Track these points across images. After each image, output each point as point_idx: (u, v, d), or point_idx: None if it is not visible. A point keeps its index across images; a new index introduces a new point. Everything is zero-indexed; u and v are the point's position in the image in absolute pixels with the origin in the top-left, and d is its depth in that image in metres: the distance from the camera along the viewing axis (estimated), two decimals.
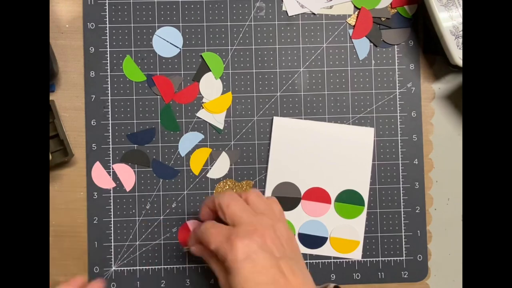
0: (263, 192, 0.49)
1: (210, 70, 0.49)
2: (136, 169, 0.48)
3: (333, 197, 0.49)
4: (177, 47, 0.49)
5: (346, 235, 0.48)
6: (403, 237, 0.49)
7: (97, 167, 0.48)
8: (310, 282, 0.37)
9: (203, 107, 0.49)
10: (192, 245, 0.41)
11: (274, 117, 0.49)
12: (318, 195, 0.49)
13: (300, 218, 0.48)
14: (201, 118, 0.49)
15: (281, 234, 0.37)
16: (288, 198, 0.48)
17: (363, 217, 0.49)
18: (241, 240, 0.35)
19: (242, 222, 0.37)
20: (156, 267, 0.48)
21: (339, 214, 0.48)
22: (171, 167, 0.49)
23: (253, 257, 0.34)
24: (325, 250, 0.48)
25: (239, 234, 0.35)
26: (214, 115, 0.49)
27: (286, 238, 0.38)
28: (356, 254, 0.49)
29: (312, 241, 0.48)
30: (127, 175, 0.48)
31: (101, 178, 0.48)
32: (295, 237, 0.39)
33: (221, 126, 0.49)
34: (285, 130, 0.49)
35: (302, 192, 0.49)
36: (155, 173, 0.48)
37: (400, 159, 0.49)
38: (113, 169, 0.48)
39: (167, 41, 0.49)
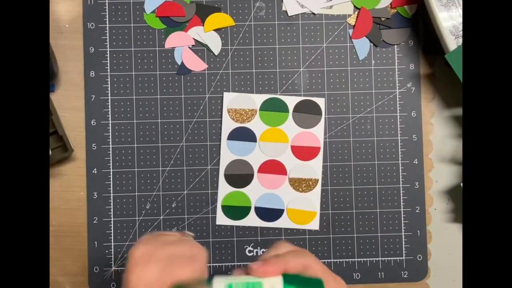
0: (218, 170, 0.49)
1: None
2: (136, 169, 0.49)
3: (288, 169, 0.49)
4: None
5: (303, 206, 0.49)
6: (403, 237, 0.49)
7: (186, 51, 0.48)
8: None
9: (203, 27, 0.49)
10: None
11: (225, 93, 0.49)
12: (274, 167, 0.49)
13: (256, 191, 0.49)
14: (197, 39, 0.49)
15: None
16: (241, 175, 0.49)
17: (318, 189, 0.49)
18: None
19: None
20: None
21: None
22: None
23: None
24: (282, 222, 0.49)
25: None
26: (208, 33, 0.49)
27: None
28: (313, 225, 0.49)
29: (269, 214, 0.49)
30: None
31: (193, 61, 0.48)
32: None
33: (216, 51, 0.49)
34: (236, 104, 0.49)
35: (256, 167, 0.49)
36: None
37: (400, 159, 0.49)
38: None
39: None
